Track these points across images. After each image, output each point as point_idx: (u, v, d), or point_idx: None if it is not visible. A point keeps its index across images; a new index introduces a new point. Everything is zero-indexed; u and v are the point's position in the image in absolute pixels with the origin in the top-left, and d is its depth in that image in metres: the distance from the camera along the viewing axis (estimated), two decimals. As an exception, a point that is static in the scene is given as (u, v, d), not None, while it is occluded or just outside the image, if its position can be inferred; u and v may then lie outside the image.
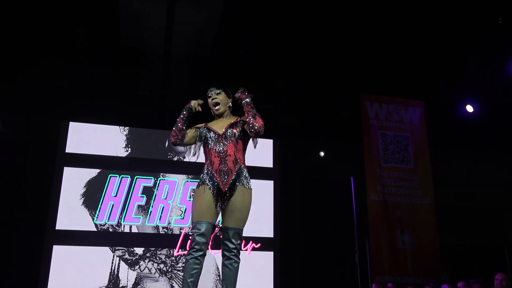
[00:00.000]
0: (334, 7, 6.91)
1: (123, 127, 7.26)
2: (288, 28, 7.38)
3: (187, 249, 2.91)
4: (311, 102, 8.46)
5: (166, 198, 7.07)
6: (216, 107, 3.08)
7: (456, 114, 8.38)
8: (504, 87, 7.82)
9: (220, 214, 2.93)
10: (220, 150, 2.93)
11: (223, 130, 2.97)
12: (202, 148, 3.06)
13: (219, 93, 3.09)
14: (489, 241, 8.68)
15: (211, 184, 2.88)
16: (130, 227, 6.85)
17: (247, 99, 2.94)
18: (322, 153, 8.60)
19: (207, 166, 2.95)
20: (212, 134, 2.98)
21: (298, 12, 7.12)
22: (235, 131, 2.98)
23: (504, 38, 7.08)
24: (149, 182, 7.09)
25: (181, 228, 6.95)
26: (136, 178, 7.05)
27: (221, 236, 2.92)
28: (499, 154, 9.38)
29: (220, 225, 2.93)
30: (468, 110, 8.19)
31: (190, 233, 2.90)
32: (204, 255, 2.81)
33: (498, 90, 8.02)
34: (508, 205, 8.95)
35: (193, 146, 3.08)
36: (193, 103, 3.01)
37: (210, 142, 2.97)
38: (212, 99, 3.09)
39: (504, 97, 8.11)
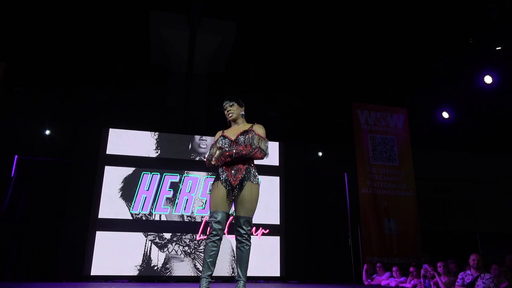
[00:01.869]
0: (329, 31, 7.01)
1: (153, 133, 7.27)
2: (292, 51, 7.49)
3: (207, 234, 2.95)
4: (311, 110, 8.51)
5: (189, 191, 7.10)
6: (230, 115, 3.15)
7: (434, 120, 8.37)
8: (475, 96, 7.81)
9: (233, 205, 2.97)
10: None
11: (235, 136, 3.05)
12: None
13: (232, 104, 3.14)
14: (463, 228, 8.61)
15: (224, 180, 2.95)
16: (160, 215, 6.89)
17: (233, 155, 2.92)
18: (320, 153, 8.62)
19: (221, 165, 3.02)
20: (226, 140, 3.06)
21: (300, 37, 7.23)
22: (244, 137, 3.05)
23: (474, 55, 7.10)
24: (176, 178, 7.12)
25: (202, 217, 6.99)
26: (165, 175, 7.08)
27: None
28: (471, 153, 9.34)
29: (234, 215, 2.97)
30: (444, 116, 8.19)
31: (208, 221, 2.95)
32: (220, 239, 2.86)
33: (470, 99, 8.00)
34: (479, 197, 8.89)
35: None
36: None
37: (224, 145, 3.05)
38: (227, 111, 3.15)
39: (475, 105, 8.10)
